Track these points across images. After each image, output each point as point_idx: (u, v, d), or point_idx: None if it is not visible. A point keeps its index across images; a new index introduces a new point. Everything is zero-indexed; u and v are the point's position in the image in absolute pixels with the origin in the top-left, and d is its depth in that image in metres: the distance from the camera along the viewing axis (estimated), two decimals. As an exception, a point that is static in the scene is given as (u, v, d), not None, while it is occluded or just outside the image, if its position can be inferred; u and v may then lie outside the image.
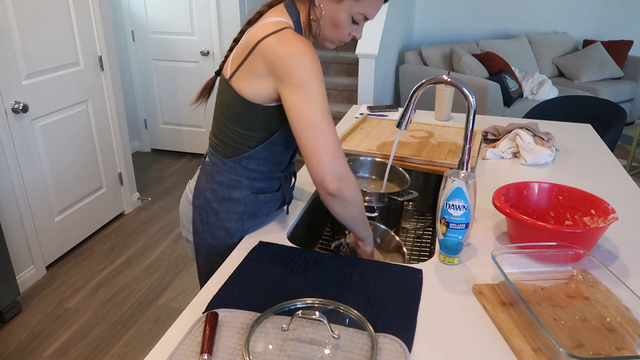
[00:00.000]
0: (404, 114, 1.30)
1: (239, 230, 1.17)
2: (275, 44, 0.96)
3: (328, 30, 1.05)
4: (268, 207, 1.20)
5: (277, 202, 1.22)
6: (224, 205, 1.15)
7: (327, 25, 1.04)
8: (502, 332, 0.85)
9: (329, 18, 1.03)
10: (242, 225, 1.17)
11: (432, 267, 1.05)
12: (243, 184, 1.14)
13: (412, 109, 1.30)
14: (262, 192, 1.17)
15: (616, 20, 4.94)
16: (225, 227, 1.16)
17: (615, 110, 2.65)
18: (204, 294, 0.95)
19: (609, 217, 1.06)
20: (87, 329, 2.21)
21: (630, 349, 0.79)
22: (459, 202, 1.00)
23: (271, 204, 1.20)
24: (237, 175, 1.13)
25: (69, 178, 2.70)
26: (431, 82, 1.29)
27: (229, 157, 1.12)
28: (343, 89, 4.22)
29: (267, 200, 1.18)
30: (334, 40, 1.07)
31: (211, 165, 1.15)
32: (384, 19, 3.54)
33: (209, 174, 1.16)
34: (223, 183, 1.14)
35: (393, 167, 1.39)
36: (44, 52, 2.43)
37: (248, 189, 1.15)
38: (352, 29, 1.06)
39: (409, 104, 1.30)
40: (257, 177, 1.15)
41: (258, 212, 1.18)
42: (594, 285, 0.96)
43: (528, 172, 1.56)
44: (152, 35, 3.90)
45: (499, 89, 3.84)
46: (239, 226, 1.17)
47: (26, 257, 2.46)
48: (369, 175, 1.46)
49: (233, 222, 1.16)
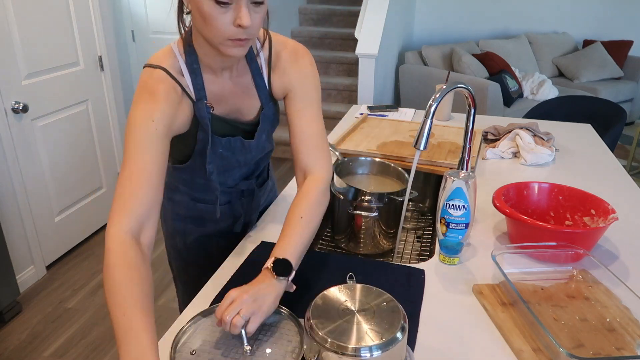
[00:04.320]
0: (422, 130, 1.10)
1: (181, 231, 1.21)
2: None
3: (205, 30, 0.84)
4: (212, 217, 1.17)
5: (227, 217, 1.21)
6: (169, 205, 1.20)
7: (201, 25, 0.84)
8: (502, 332, 0.85)
9: (198, 14, 0.83)
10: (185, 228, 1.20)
11: (432, 267, 1.05)
12: (181, 190, 1.17)
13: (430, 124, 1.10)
14: (203, 202, 1.17)
15: (616, 20, 4.94)
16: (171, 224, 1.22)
17: (615, 110, 2.65)
18: (204, 294, 0.95)
19: (609, 217, 1.06)
20: (87, 329, 2.21)
21: (630, 349, 0.79)
22: (459, 202, 1.00)
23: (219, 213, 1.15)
24: (174, 180, 1.16)
25: (69, 178, 2.70)
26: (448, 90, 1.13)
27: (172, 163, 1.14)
28: (343, 89, 4.22)
29: (209, 210, 1.17)
30: (220, 38, 0.83)
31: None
32: (384, 18, 3.54)
33: None
34: (167, 184, 1.18)
35: (393, 167, 1.40)
36: (44, 52, 2.43)
37: (187, 195, 1.17)
38: (230, 17, 0.81)
39: (426, 119, 1.09)
40: (195, 187, 1.16)
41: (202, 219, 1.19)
42: (594, 285, 0.96)
43: (528, 172, 1.56)
44: (152, 35, 3.90)
45: (499, 89, 3.84)
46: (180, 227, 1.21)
47: (26, 257, 2.46)
48: (369, 175, 1.46)
49: (176, 221, 1.21)
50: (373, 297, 0.73)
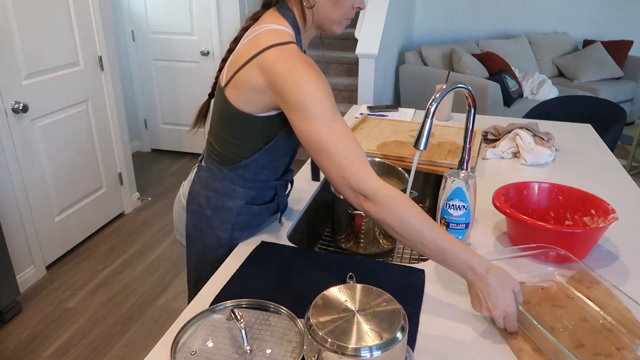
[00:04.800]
0: (422, 130, 1.10)
1: (229, 240, 1.14)
2: (276, 58, 0.91)
3: (330, 12, 0.99)
4: (262, 217, 1.17)
5: (271, 212, 1.19)
6: (217, 213, 1.12)
7: (327, 6, 0.99)
8: (502, 332, 0.85)
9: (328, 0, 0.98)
10: (232, 236, 1.14)
11: (432, 267, 1.05)
12: (237, 193, 1.11)
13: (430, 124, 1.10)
14: (256, 203, 1.14)
15: (616, 20, 4.94)
16: (217, 235, 1.13)
17: (615, 110, 2.65)
18: (205, 294, 0.95)
19: (609, 217, 1.06)
20: (87, 329, 2.21)
21: (630, 350, 0.79)
22: (459, 202, 1.00)
23: (265, 214, 1.17)
24: (232, 183, 1.10)
25: (69, 178, 2.71)
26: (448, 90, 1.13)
27: (225, 165, 1.09)
28: (343, 89, 4.22)
29: (260, 212, 1.15)
30: (340, 19, 1.01)
31: (207, 171, 1.12)
32: (384, 18, 3.54)
33: (203, 180, 1.12)
34: (218, 191, 1.11)
35: (393, 167, 1.40)
36: (44, 52, 2.43)
37: (242, 199, 1.11)
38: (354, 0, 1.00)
39: (426, 119, 1.10)
40: (253, 186, 1.11)
41: (250, 222, 1.15)
42: (594, 286, 0.96)
43: (528, 172, 1.56)
44: (152, 35, 3.90)
45: (499, 89, 3.84)
46: (229, 236, 1.14)
47: (26, 257, 2.46)
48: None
49: (225, 231, 1.13)
50: (373, 297, 0.73)
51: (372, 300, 0.72)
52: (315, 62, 5.08)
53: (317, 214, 1.42)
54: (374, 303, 0.71)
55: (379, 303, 0.71)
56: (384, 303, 0.71)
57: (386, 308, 0.70)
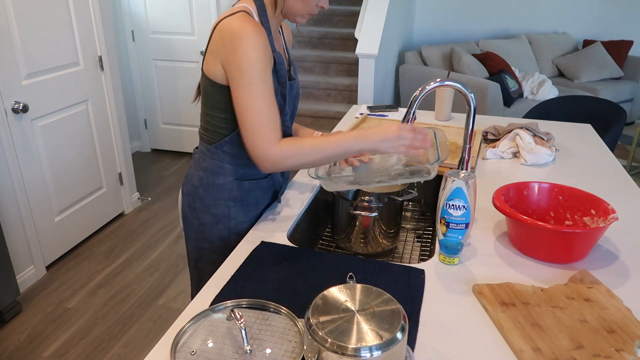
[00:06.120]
0: (404, 121, 1.24)
1: (224, 216, 1.20)
2: (227, 24, 1.02)
3: (296, 5, 1.07)
4: (255, 194, 1.22)
5: (267, 191, 1.24)
6: (209, 191, 1.18)
7: (295, 1, 1.07)
8: (502, 332, 0.85)
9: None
10: (229, 211, 1.20)
11: (432, 267, 1.05)
12: (227, 170, 1.18)
13: (413, 117, 1.25)
14: (247, 178, 1.20)
15: (616, 20, 4.94)
16: (211, 212, 1.20)
17: (615, 110, 2.65)
18: (205, 294, 0.95)
19: (609, 217, 1.06)
20: (87, 329, 2.21)
21: (630, 350, 0.79)
22: (459, 202, 1.00)
23: (259, 192, 1.22)
24: (220, 161, 1.17)
25: (69, 178, 2.70)
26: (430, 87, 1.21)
27: (212, 144, 1.17)
28: (343, 89, 4.22)
29: (252, 188, 1.21)
30: (303, 13, 1.09)
31: (199, 153, 1.21)
32: (384, 18, 3.54)
33: (197, 161, 1.20)
34: (208, 169, 1.18)
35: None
36: (44, 52, 2.43)
37: (232, 175, 1.18)
38: (318, 0, 1.08)
39: (409, 111, 1.24)
40: (240, 162, 1.18)
41: (245, 199, 1.21)
42: (594, 286, 0.96)
43: (528, 172, 1.56)
44: (152, 35, 3.90)
45: (499, 89, 3.84)
46: (224, 212, 1.20)
47: (26, 257, 2.46)
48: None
49: (219, 207, 1.19)
50: (373, 297, 0.73)
51: (372, 300, 0.72)
52: (316, 62, 5.06)
53: (317, 214, 1.42)
54: (374, 303, 0.71)
55: (379, 303, 0.71)
56: (384, 303, 0.71)
57: (386, 308, 0.70)
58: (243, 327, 0.77)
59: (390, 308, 0.70)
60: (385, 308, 0.70)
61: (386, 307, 0.70)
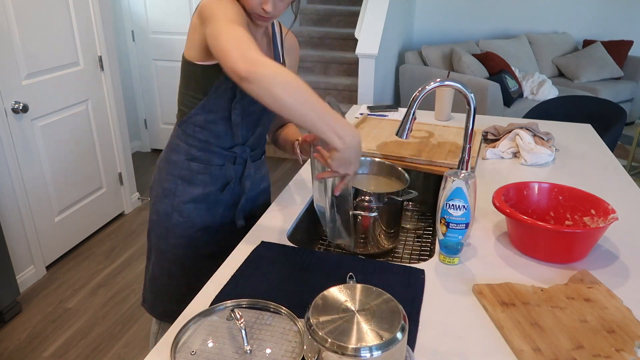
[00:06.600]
0: (404, 121, 1.25)
1: (170, 192, 1.26)
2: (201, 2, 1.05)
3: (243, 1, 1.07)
4: (203, 178, 1.25)
5: (216, 179, 1.27)
6: (165, 165, 1.27)
7: None
8: (502, 332, 0.85)
9: None
10: (175, 188, 1.26)
11: (432, 267, 1.05)
12: (180, 148, 1.24)
13: (413, 117, 1.24)
14: (197, 161, 1.24)
15: (616, 20, 4.94)
16: (162, 186, 1.28)
17: (615, 110, 2.65)
18: (205, 294, 0.95)
19: (609, 217, 1.06)
20: (87, 329, 2.21)
21: (630, 350, 0.79)
22: (459, 202, 1.00)
23: (206, 177, 1.25)
24: (177, 138, 1.25)
25: (69, 178, 2.70)
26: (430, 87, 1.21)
27: (177, 122, 1.25)
28: (343, 89, 4.22)
29: (200, 171, 1.25)
30: (250, 10, 1.07)
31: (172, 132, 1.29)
32: (384, 18, 3.54)
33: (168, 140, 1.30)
34: (169, 145, 1.28)
35: (393, 167, 1.39)
36: (44, 52, 2.43)
37: (184, 154, 1.24)
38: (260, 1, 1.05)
39: (409, 112, 1.24)
40: (194, 144, 1.22)
41: (192, 179, 1.25)
42: (594, 286, 0.96)
43: (528, 172, 1.56)
44: (152, 35, 3.90)
45: (499, 89, 3.84)
46: (171, 187, 1.26)
47: (26, 257, 2.46)
48: (369, 175, 1.46)
49: (168, 182, 1.27)
50: (373, 297, 0.73)
51: (372, 300, 0.72)
52: (316, 62, 5.05)
53: (317, 214, 1.42)
54: (374, 303, 0.71)
55: (379, 303, 0.71)
56: (384, 303, 0.71)
57: (386, 308, 0.70)
58: (243, 327, 0.77)
59: (390, 308, 0.70)
60: (385, 308, 0.70)
61: (386, 307, 0.70)
